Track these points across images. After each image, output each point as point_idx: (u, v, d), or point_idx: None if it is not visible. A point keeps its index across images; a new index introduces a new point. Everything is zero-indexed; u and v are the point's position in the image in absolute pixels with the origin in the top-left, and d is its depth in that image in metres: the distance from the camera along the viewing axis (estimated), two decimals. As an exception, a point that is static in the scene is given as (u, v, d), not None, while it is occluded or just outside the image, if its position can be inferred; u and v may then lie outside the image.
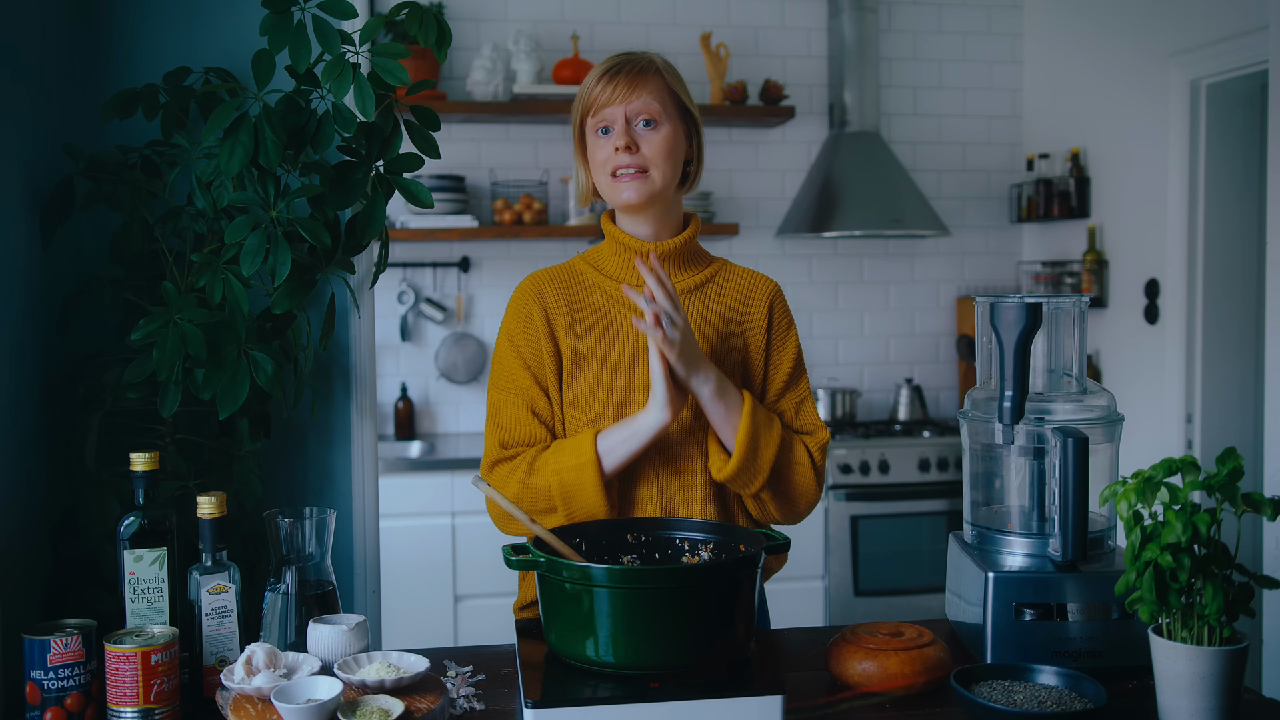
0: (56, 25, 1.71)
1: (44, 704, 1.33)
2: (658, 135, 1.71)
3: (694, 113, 1.78)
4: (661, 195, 1.73)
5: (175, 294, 1.58)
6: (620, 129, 1.71)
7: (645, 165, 1.71)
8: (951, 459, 4.16)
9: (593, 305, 1.77)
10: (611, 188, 1.73)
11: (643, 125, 1.71)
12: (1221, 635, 1.30)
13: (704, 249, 1.85)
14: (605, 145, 1.72)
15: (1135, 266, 4.06)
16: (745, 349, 1.79)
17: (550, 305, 1.76)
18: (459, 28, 4.29)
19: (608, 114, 1.71)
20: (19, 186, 1.59)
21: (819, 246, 4.65)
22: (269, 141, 1.55)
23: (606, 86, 1.71)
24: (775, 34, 4.59)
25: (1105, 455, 1.61)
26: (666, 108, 1.72)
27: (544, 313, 1.75)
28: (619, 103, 1.70)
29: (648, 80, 1.72)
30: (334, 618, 1.42)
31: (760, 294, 1.81)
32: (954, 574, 1.69)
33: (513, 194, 4.33)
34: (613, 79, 1.71)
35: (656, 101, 1.71)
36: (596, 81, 1.73)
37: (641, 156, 1.70)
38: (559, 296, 1.77)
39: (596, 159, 1.74)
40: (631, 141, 1.70)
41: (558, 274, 1.80)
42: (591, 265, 1.81)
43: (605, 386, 1.72)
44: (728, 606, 1.31)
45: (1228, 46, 3.54)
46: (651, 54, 1.77)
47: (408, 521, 3.78)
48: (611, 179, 1.72)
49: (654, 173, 1.71)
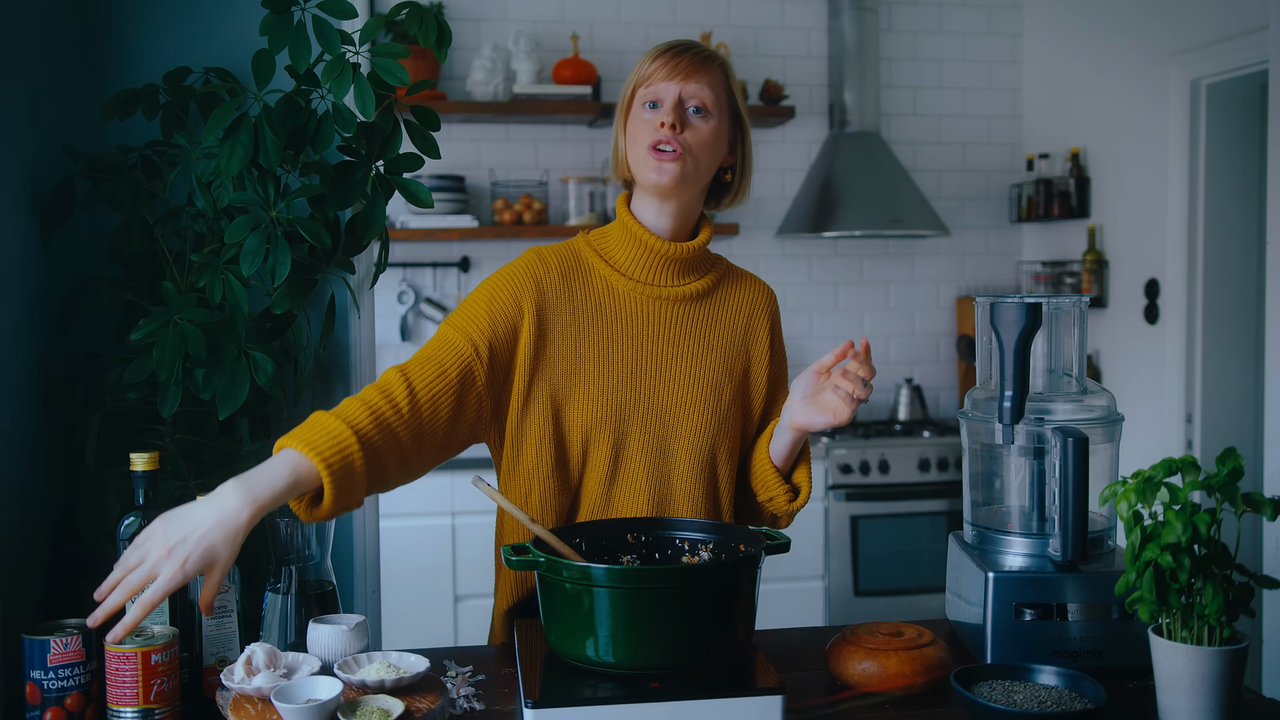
0: (56, 25, 1.71)
1: (44, 704, 1.33)
2: (706, 126, 1.65)
3: (745, 120, 1.73)
4: (690, 187, 1.67)
5: (175, 294, 1.58)
6: (671, 106, 1.64)
7: (685, 150, 1.64)
8: (951, 459, 4.16)
9: (597, 300, 1.69)
10: (645, 162, 1.65)
11: (693, 111, 1.65)
12: (1221, 635, 1.30)
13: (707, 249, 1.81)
14: (651, 119, 1.65)
15: (1135, 266, 4.06)
16: (747, 363, 1.75)
17: (550, 298, 1.67)
18: (459, 28, 4.29)
19: (661, 89, 1.65)
20: (19, 186, 1.59)
21: (819, 246, 4.65)
22: (269, 141, 1.55)
23: (669, 63, 1.65)
24: (775, 34, 4.59)
25: (1105, 455, 1.61)
26: (720, 103, 1.67)
27: (536, 307, 1.65)
28: (677, 80, 1.64)
29: (711, 69, 1.67)
30: (334, 618, 1.42)
31: (762, 307, 1.78)
32: (954, 574, 1.69)
33: (513, 194, 4.34)
34: (676, 57, 1.66)
35: (713, 92, 1.66)
36: (658, 55, 1.67)
37: (684, 140, 1.63)
38: (563, 287, 1.68)
39: (637, 131, 1.67)
40: (679, 120, 1.63)
41: (564, 258, 1.71)
42: (597, 251, 1.72)
43: (605, 392, 1.67)
44: (728, 606, 1.31)
45: (1228, 46, 3.54)
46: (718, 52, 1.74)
47: (408, 521, 3.78)
48: (648, 153, 1.64)
49: (690, 161, 1.64)
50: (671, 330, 1.71)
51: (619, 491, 1.67)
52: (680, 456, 1.69)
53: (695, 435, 1.69)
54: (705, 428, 1.70)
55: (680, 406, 1.69)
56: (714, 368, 1.72)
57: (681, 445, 1.69)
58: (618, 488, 1.68)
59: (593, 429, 1.66)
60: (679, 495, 1.68)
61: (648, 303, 1.70)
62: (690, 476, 1.69)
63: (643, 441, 1.68)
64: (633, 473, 1.67)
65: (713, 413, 1.70)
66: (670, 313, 1.71)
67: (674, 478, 1.69)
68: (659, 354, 1.70)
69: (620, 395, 1.68)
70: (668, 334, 1.70)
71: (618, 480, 1.68)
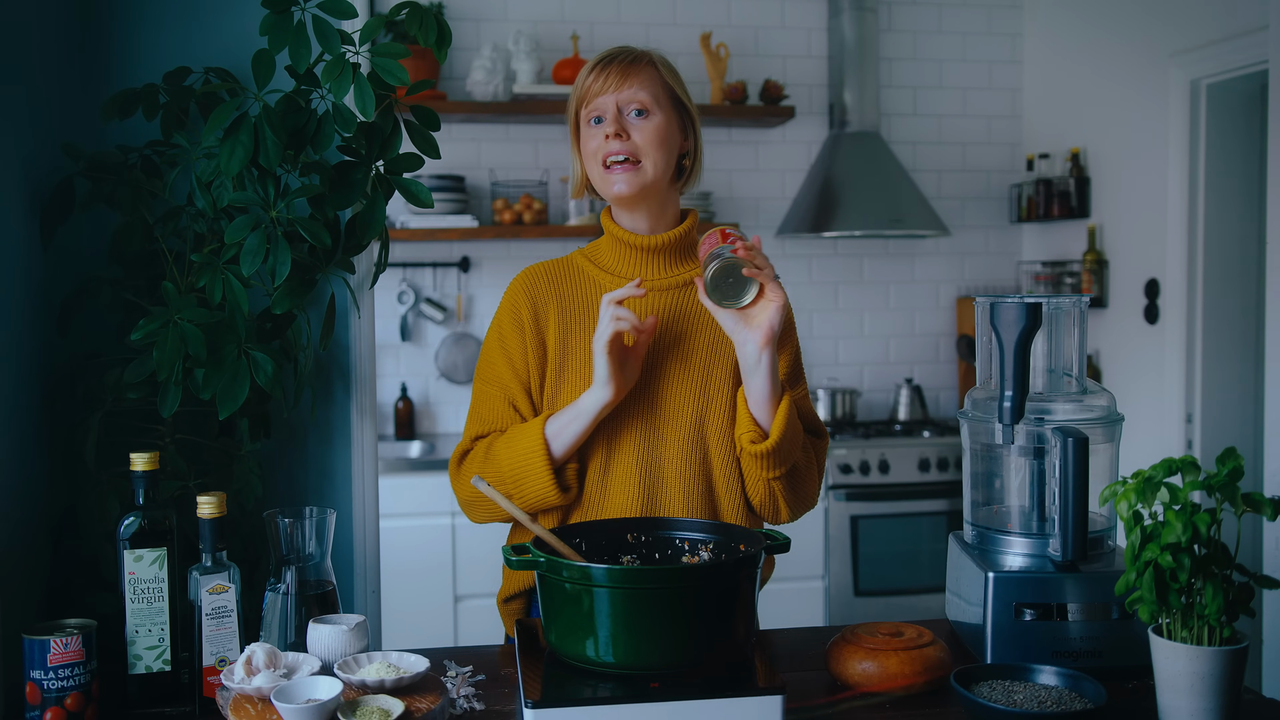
0: (56, 25, 1.71)
1: (44, 704, 1.33)
2: (649, 124, 1.70)
3: (689, 106, 1.78)
4: (654, 187, 1.73)
5: (175, 294, 1.58)
6: (612, 117, 1.70)
7: (636, 154, 1.70)
8: (951, 459, 4.16)
9: (585, 297, 1.77)
10: (603, 179, 1.73)
11: (634, 115, 1.71)
12: (1221, 635, 1.30)
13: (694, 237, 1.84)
14: (596, 134, 1.72)
15: (1135, 266, 4.06)
16: None
17: (540, 300, 1.76)
18: (459, 28, 4.29)
19: (600, 103, 1.71)
20: (19, 186, 1.59)
21: (819, 246, 4.65)
22: (269, 141, 1.55)
23: (599, 76, 1.72)
24: (775, 34, 4.59)
25: (1105, 455, 1.61)
26: (659, 98, 1.72)
27: (533, 309, 1.76)
28: (610, 92, 1.70)
29: (640, 70, 1.72)
30: (334, 618, 1.42)
31: None
32: (954, 574, 1.69)
33: (513, 194, 4.33)
34: (605, 69, 1.72)
35: (647, 92, 1.71)
36: (589, 72, 1.73)
37: (632, 144, 1.70)
38: (551, 289, 1.77)
39: (588, 149, 1.74)
40: (622, 129, 1.69)
41: (553, 267, 1.81)
42: (590, 259, 1.81)
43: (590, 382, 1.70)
44: (728, 606, 1.31)
45: (1228, 46, 3.54)
46: (648, 48, 1.78)
47: (408, 521, 3.78)
48: (603, 170, 1.72)
49: (645, 163, 1.70)
50: (660, 319, 1.75)
51: (613, 477, 1.70)
52: (671, 440, 1.71)
53: (684, 418, 1.72)
54: (693, 410, 1.72)
55: (669, 392, 1.73)
56: (703, 349, 1.75)
57: (672, 433, 1.71)
58: (611, 474, 1.71)
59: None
60: (670, 479, 1.70)
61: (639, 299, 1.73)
62: (681, 459, 1.71)
63: (634, 428, 1.71)
64: (625, 459, 1.70)
65: (699, 394, 1.73)
66: (658, 303, 1.76)
67: (665, 460, 1.71)
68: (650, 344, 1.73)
69: None
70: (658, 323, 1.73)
71: (612, 467, 1.71)
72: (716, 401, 1.73)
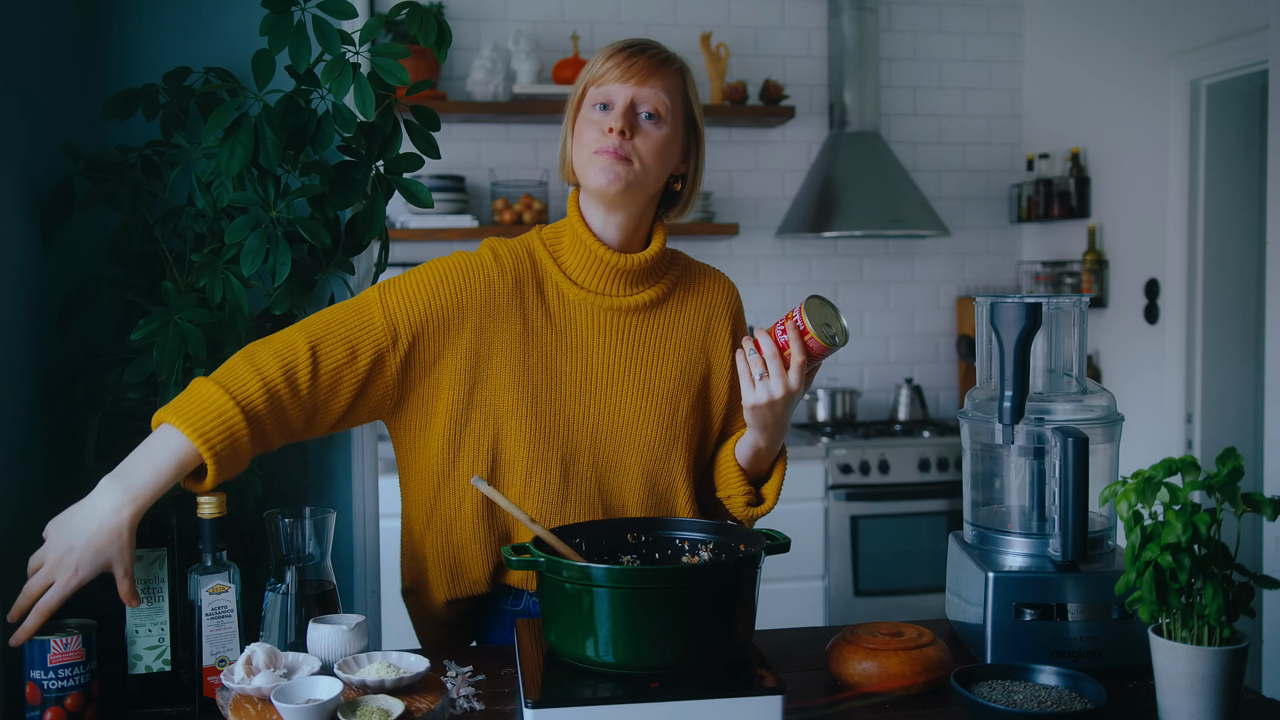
0: (56, 25, 1.71)
1: (44, 704, 1.33)
2: (657, 132, 1.56)
3: (700, 129, 1.64)
4: (637, 194, 1.58)
5: (175, 294, 1.58)
6: (622, 110, 1.55)
7: (631, 157, 1.55)
8: (951, 459, 4.16)
9: (547, 309, 1.61)
10: (590, 163, 1.56)
11: (645, 117, 1.56)
12: (1221, 635, 1.30)
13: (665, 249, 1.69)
14: (600, 121, 1.56)
15: (1135, 266, 4.06)
16: (708, 370, 1.69)
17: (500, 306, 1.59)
18: (459, 28, 4.29)
19: (613, 91, 1.56)
20: (19, 186, 1.59)
21: (819, 246, 4.65)
22: (269, 141, 1.55)
23: (623, 63, 1.55)
24: (775, 34, 4.59)
25: (1105, 455, 1.61)
26: (675, 110, 1.58)
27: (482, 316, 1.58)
28: (631, 83, 1.55)
29: (668, 74, 1.58)
30: (334, 618, 1.42)
31: (721, 307, 1.70)
32: (954, 574, 1.69)
33: (513, 194, 4.34)
34: (632, 57, 1.56)
35: (668, 98, 1.57)
36: (613, 54, 1.57)
37: (632, 146, 1.54)
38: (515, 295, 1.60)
39: (585, 134, 1.57)
40: (629, 126, 1.54)
41: (519, 260, 1.62)
42: (550, 252, 1.64)
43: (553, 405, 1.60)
44: (728, 606, 1.31)
45: (1228, 46, 3.54)
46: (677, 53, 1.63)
47: (408, 521, 3.78)
48: (593, 155, 1.55)
49: (638, 166, 1.55)
50: (623, 342, 1.63)
51: (570, 510, 1.61)
52: (632, 473, 1.63)
53: (648, 451, 1.64)
54: (659, 443, 1.64)
55: (632, 422, 1.63)
56: (669, 379, 1.65)
57: (633, 462, 1.63)
58: (569, 505, 1.61)
59: (537, 445, 1.60)
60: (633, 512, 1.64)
61: (598, 313, 1.62)
62: (642, 492, 1.64)
63: (593, 458, 1.62)
64: (583, 490, 1.62)
65: (667, 428, 1.64)
66: (622, 324, 1.63)
67: (626, 492, 1.64)
68: (609, 367, 1.63)
69: (568, 410, 1.61)
70: (619, 346, 1.63)
71: (569, 498, 1.61)
72: (684, 435, 1.66)
